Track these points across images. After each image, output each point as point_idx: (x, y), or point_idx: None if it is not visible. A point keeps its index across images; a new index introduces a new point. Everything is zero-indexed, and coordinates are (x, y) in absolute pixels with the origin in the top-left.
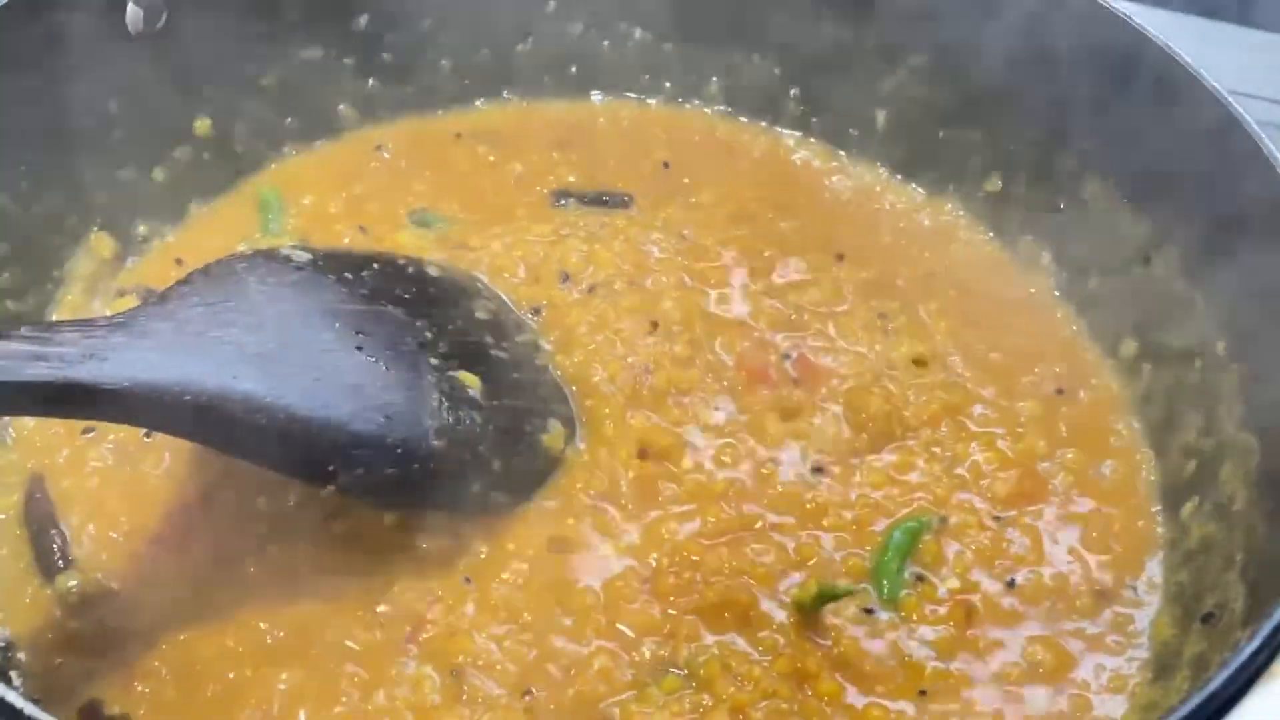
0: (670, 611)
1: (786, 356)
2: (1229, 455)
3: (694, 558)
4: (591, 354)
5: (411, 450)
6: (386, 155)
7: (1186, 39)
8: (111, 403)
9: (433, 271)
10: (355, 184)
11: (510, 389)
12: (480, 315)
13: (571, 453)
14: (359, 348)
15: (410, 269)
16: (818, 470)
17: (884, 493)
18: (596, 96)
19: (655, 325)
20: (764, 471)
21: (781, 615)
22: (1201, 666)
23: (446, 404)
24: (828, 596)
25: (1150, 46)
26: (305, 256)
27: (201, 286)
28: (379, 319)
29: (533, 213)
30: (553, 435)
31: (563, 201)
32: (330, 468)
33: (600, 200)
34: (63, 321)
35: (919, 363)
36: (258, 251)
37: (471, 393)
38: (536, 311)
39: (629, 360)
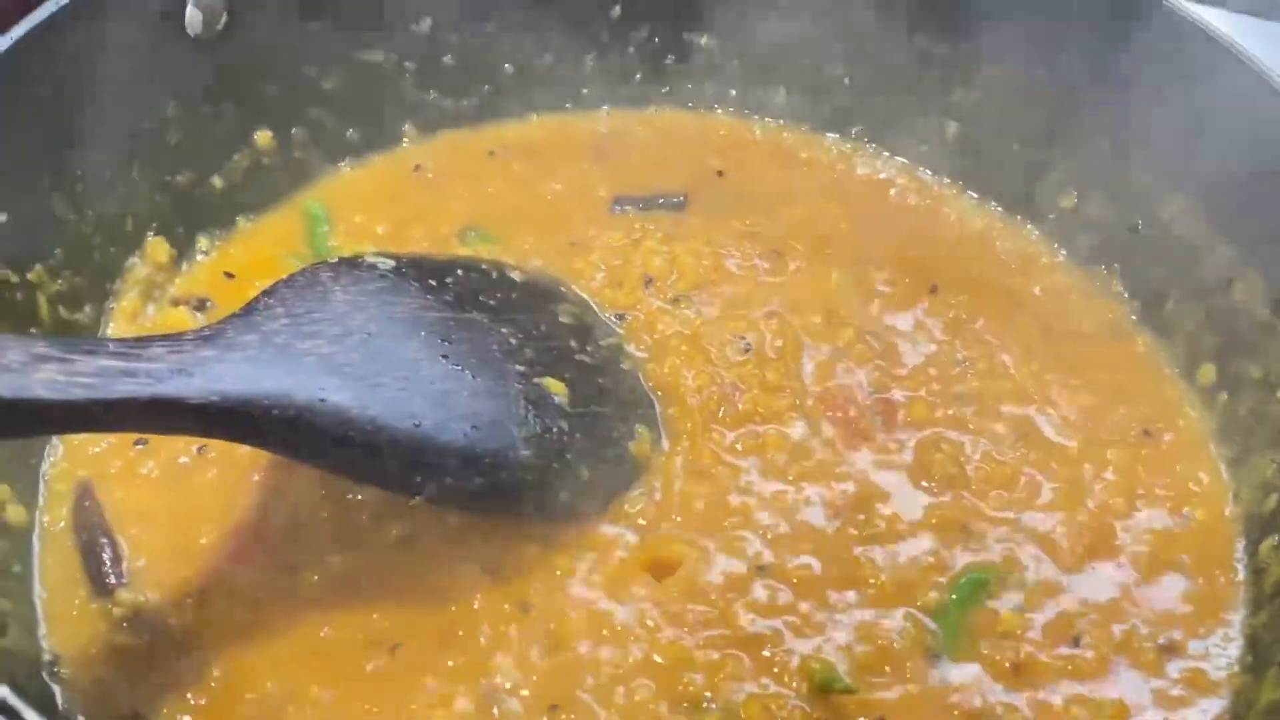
0: (708, 647)
1: (871, 394)
2: None
3: (737, 596)
4: (679, 365)
5: (499, 460)
6: (430, 174)
7: (1275, 50)
8: (200, 418)
9: (515, 276)
10: (399, 204)
11: (596, 395)
12: (564, 320)
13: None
14: (444, 356)
15: (493, 274)
16: (879, 517)
17: (949, 543)
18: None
19: (748, 348)
20: (825, 512)
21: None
22: (1276, 715)
23: (533, 412)
24: (827, 687)
25: (1234, 61)
26: (389, 263)
27: (286, 297)
28: (464, 326)
29: (593, 219)
30: (639, 443)
31: (623, 208)
32: (418, 478)
33: (655, 204)
34: (150, 337)
35: (998, 416)
36: (341, 259)
37: (558, 400)
38: (620, 317)
39: (724, 375)
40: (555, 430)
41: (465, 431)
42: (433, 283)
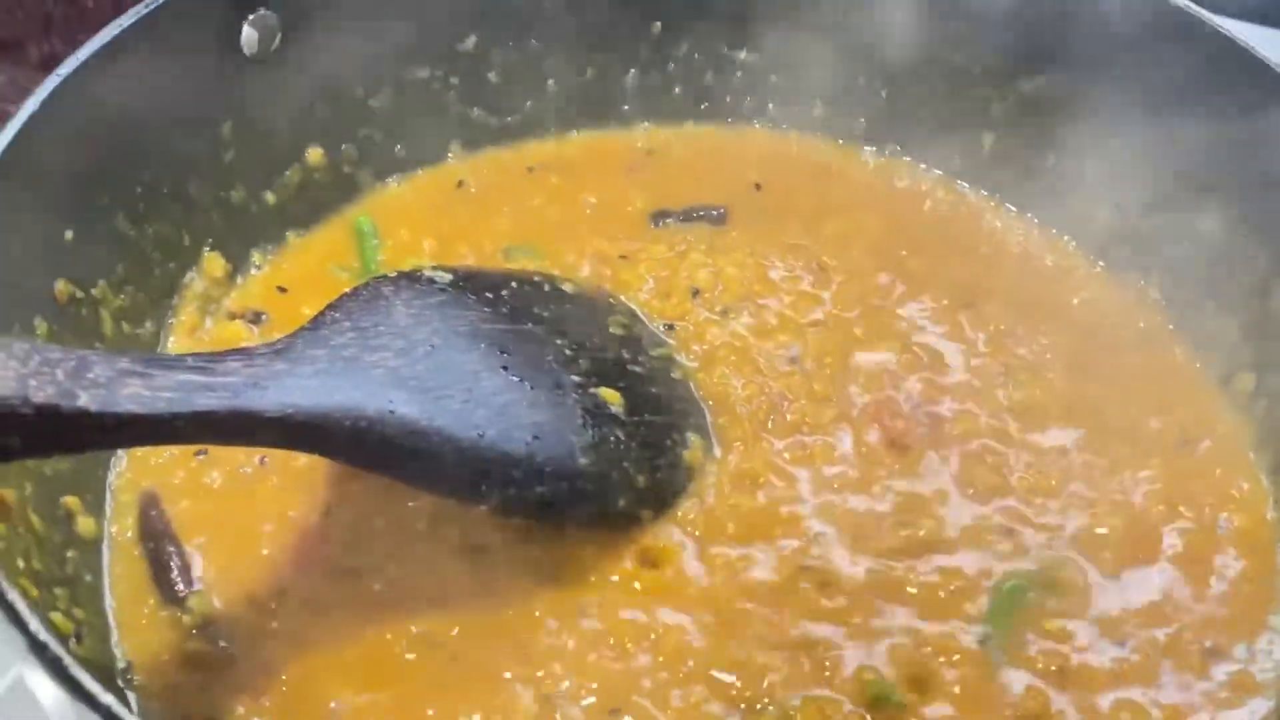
0: (761, 651)
1: (917, 406)
2: None
3: (789, 603)
4: (729, 374)
5: (560, 469)
6: (473, 190)
7: None
8: (275, 430)
9: (568, 289)
10: (444, 220)
11: (650, 404)
12: (616, 331)
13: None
14: (504, 367)
15: (546, 286)
16: (925, 526)
17: (991, 550)
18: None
19: (795, 358)
20: (872, 522)
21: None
22: None
23: (591, 422)
24: (881, 700)
25: (1265, 70)
26: (447, 277)
27: (351, 311)
28: (521, 338)
29: (635, 232)
30: (692, 450)
31: (664, 222)
32: (483, 487)
33: (694, 216)
34: (224, 352)
35: (1041, 426)
36: (401, 273)
37: (614, 409)
38: (670, 327)
39: (772, 385)
40: (613, 439)
41: (527, 441)
42: (489, 295)
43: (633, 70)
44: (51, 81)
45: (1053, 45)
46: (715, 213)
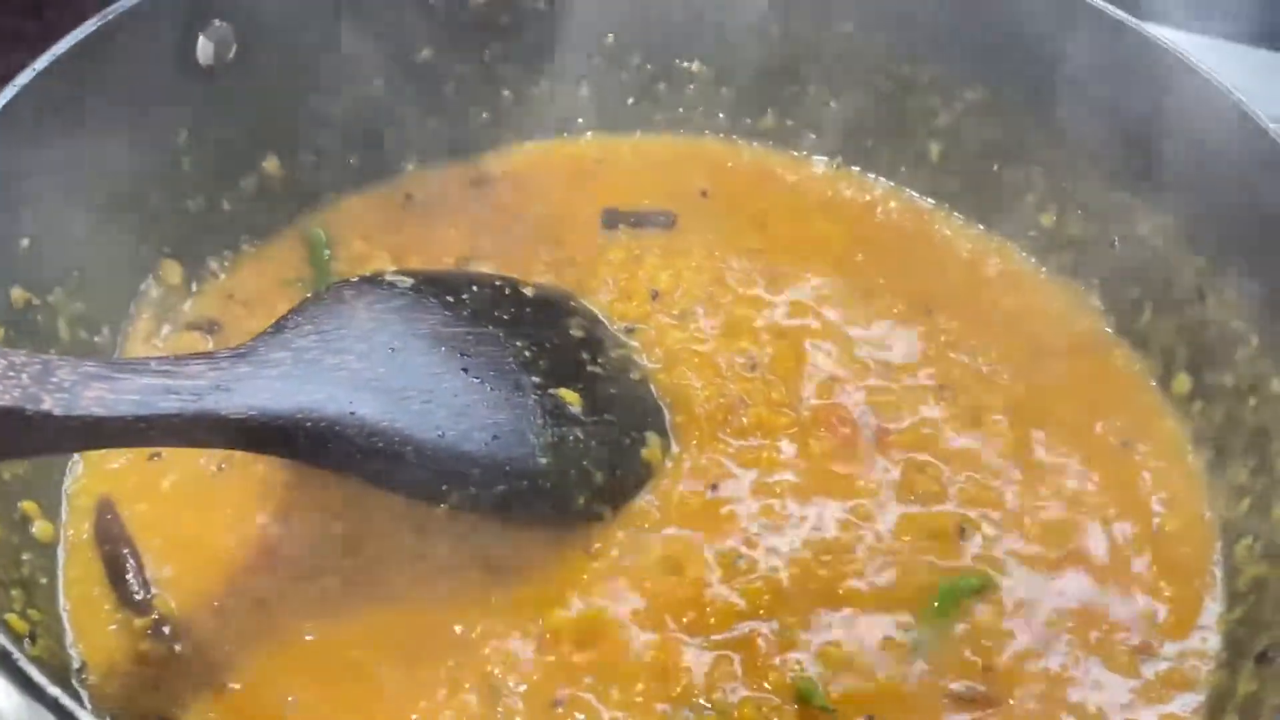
0: (704, 650)
1: (865, 414)
2: None
3: (732, 602)
4: (689, 375)
5: (520, 468)
6: (422, 203)
7: (1240, 70)
8: (237, 432)
9: (528, 291)
10: (396, 232)
11: (609, 404)
12: (576, 333)
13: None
14: (465, 369)
15: (507, 290)
16: (866, 531)
17: (927, 555)
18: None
19: (754, 364)
20: (816, 525)
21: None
22: (1253, 707)
23: (550, 421)
24: (806, 701)
25: (1202, 81)
26: (408, 281)
27: (314, 314)
28: (481, 340)
29: (588, 239)
30: (651, 448)
31: (620, 226)
32: (443, 487)
33: (646, 220)
34: (188, 356)
35: (983, 432)
36: (363, 278)
37: (573, 409)
38: (630, 329)
39: (729, 387)
40: (572, 439)
41: (487, 441)
42: (450, 299)
43: (585, 80)
44: (9, 91)
45: (996, 55)
46: (665, 218)
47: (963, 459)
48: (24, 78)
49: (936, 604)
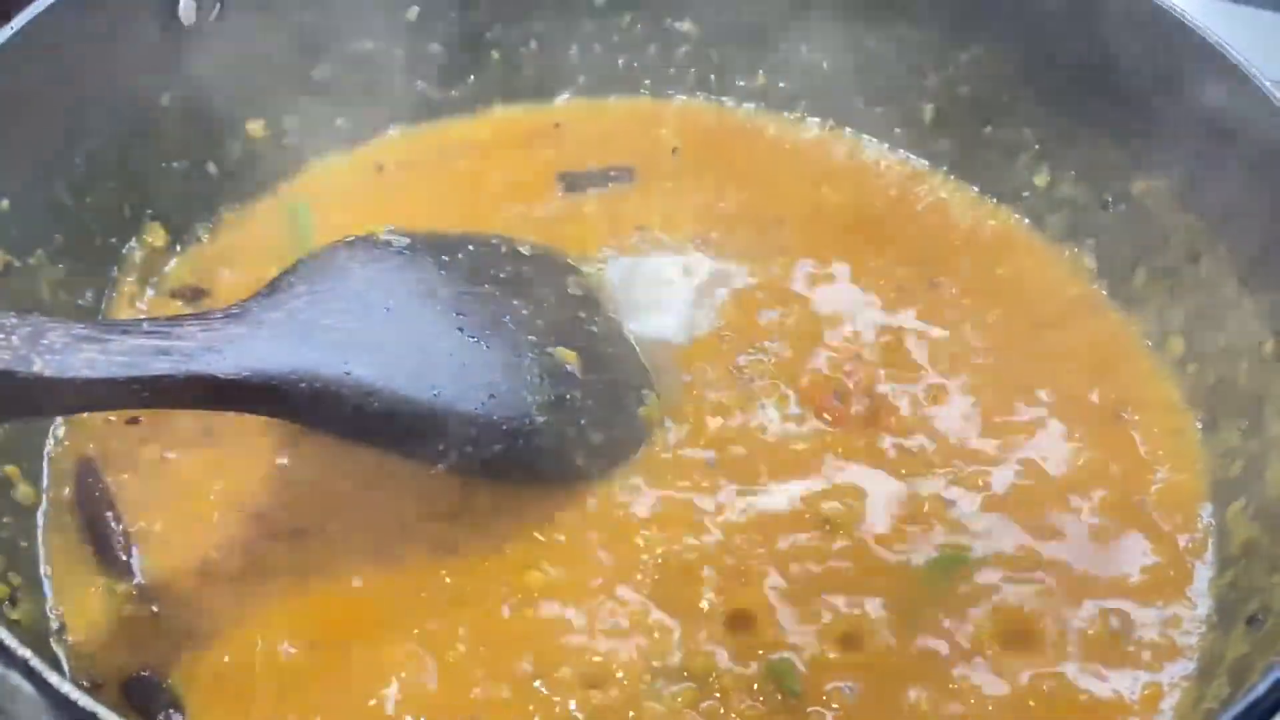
0: (686, 620)
1: (857, 384)
2: (1275, 457)
3: (718, 572)
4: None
5: (517, 427)
6: (396, 169)
7: (1241, 31)
8: (232, 393)
9: (524, 250)
10: (373, 197)
11: (606, 363)
12: (573, 291)
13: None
14: (460, 329)
15: (503, 248)
16: (857, 504)
17: (919, 527)
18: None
19: (754, 343)
20: (806, 498)
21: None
22: (1243, 670)
23: (547, 380)
24: (778, 681)
25: (1197, 41)
26: (404, 240)
27: (308, 275)
28: (477, 299)
29: (556, 198)
30: (649, 407)
31: (573, 188)
32: (440, 447)
33: (608, 178)
34: (181, 316)
35: (985, 401)
36: (358, 238)
37: (570, 368)
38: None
39: (720, 351)
40: (569, 397)
41: (483, 400)
42: (445, 258)
43: (575, 42)
44: None
45: (988, 15)
46: (624, 171)
47: (955, 425)
48: (2, 35)
49: (927, 574)
